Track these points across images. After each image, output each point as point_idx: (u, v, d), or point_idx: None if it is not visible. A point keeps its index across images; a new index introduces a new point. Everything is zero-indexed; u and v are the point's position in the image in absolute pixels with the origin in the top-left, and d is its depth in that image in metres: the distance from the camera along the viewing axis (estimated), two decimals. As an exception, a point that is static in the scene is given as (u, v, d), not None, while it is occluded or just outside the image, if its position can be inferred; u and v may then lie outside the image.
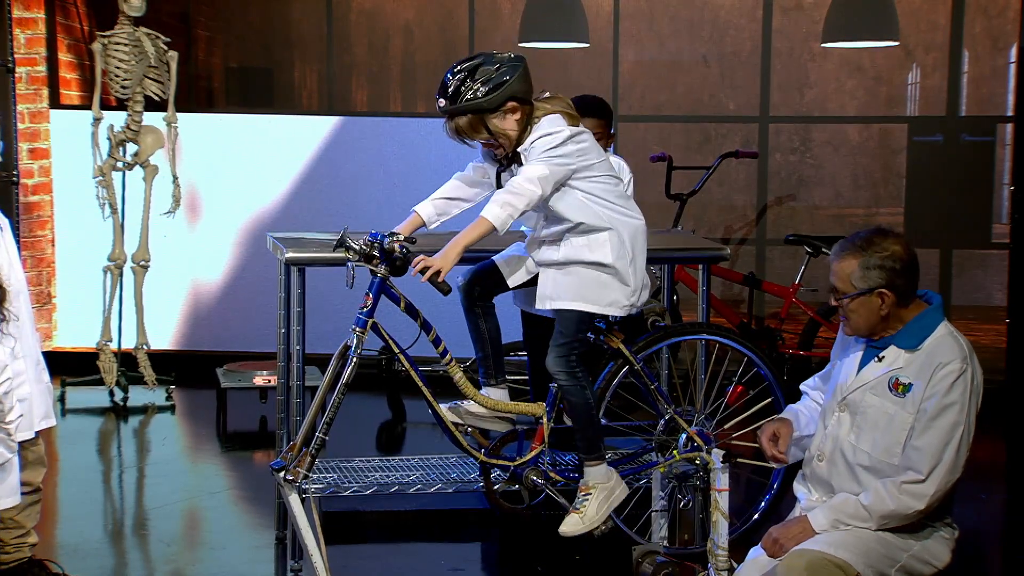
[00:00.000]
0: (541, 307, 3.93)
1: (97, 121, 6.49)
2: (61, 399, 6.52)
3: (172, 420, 6.49)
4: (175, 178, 6.65)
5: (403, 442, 6.27)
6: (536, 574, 4.39)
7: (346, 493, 4.42)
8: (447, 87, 3.73)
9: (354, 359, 3.76)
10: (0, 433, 3.51)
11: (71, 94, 7.53)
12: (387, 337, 3.83)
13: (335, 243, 3.80)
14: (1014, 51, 8.96)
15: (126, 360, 6.77)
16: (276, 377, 4.66)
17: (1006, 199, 8.69)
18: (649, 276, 4.01)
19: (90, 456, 5.82)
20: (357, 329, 3.77)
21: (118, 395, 6.66)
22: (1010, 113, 9.00)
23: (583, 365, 3.91)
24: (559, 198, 3.77)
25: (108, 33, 6.50)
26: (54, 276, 7.48)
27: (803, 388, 3.63)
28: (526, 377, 4.47)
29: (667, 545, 4.17)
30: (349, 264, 3.76)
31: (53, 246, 7.46)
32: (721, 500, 3.58)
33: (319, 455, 3.79)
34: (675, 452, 4.16)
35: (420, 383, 3.87)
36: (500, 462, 4.03)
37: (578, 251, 3.82)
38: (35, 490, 3.93)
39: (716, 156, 7.20)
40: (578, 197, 3.78)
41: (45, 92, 7.33)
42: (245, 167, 7.35)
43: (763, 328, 6.92)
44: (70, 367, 6.93)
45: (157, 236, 6.90)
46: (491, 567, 4.64)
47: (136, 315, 6.70)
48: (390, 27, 10.62)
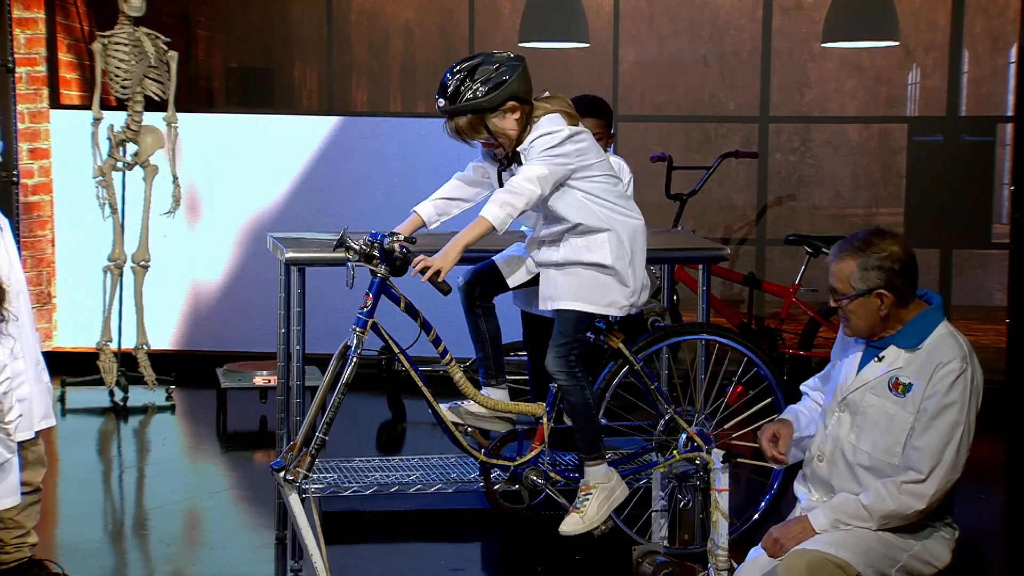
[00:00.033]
0: (541, 307, 3.93)
1: (97, 121, 6.49)
2: (61, 399, 6.51)
3: (172, 420, 6.49)
4: (175, 178, 6.65)
5: (403, 442, 6.26)
6: (536, 574, 4.39)
7: (346, 493, 4.42)
8: (447, 87, 3.73)
9: (354, 359, 3.76)
10: (0, 433, 3.51)
11: (71, 94, 7.52)
12: (387, 337, 3.83)
13: (335, 243, 3.80)
14: (1014, 51, 8.95)
15: (126, 360, 6.76)
16: (276, 377, 4.66)
17: (1006, 199, 8.69)
18: (649, 276, 4.01)
19: (90, 456, 5.82)
20: (357, 329, 3.77)
21: (118, 395, 6.66)
22: (1010, 113, 8.99)
23: (583, 365, 3.91)
24: (558, 198, 3.77)
25: (108, 33, 6.49)
26: (54, 276, 7.48)
27: (803, 389, 3.63)
28: (526, 377, 4.46)
29: (667, 545, 4.17)
30: (349, 264, 3.76)
31: (53, 246, 7.46)
32: (721, 500, 3.58)
33: (319, 455, 3.79)
34: (675, 452, 4.16)
35: (420, 383, 3.87)
36: (500, 462, 4.03)
37: (577, 252, 3.82)
38: (35, 490, 3.92)
39: (716, 156, 7.19)
40: (577, 197, 3.78)
41: (45, 92, 7.33)
42: (245, 167, 7.35)
43: (763, 328, 6.92)
44: (70, 367, 6.92)
45: (157, 236, 6.89)
46: (491, 567, 4.63)
47: (136, 315, 6.70)
48: (390, 27, 10.62)
